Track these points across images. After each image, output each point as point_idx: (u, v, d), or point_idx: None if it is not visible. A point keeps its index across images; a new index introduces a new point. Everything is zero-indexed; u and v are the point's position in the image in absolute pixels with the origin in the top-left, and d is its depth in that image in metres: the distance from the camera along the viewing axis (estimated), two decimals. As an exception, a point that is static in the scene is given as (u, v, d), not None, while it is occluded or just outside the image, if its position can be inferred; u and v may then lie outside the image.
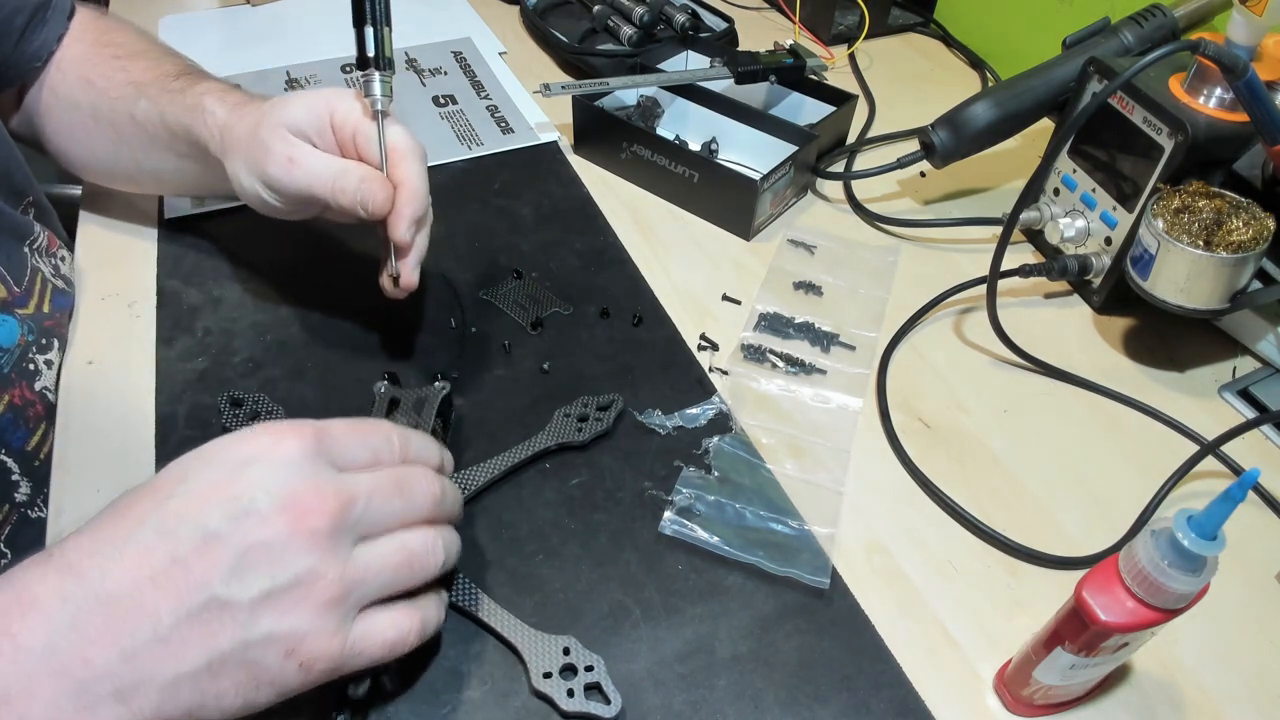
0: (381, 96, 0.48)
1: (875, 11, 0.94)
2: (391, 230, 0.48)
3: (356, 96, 0.50)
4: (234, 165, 0.50)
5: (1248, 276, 0.54)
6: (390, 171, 0.48)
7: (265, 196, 0.50)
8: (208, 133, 0.53)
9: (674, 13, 0.87)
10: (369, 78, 0.49)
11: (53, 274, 0.60)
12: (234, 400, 0.53)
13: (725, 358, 0.60)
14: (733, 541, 0.48)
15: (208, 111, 0.53)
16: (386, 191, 0.47)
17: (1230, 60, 0.47)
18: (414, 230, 0.49)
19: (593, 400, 0.55)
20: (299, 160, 0.48)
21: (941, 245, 0.71)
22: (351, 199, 0.47)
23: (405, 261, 0.50)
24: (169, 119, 0.55)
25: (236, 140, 0.50)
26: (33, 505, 0.54)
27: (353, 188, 0.47)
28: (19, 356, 0.54)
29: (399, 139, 0.49)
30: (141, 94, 0.57)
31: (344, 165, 0.48)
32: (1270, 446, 0.57)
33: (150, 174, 0.61)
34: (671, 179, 0.71)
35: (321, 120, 0.49)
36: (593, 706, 0.41)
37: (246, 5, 0.97)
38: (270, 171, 0.48)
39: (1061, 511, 0.52)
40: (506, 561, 0.48)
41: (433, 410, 0.49)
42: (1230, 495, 0.31)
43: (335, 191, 0.47)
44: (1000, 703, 0.43)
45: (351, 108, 0.49)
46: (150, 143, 0.58)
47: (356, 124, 0.49)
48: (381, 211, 0.47)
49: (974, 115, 0.68)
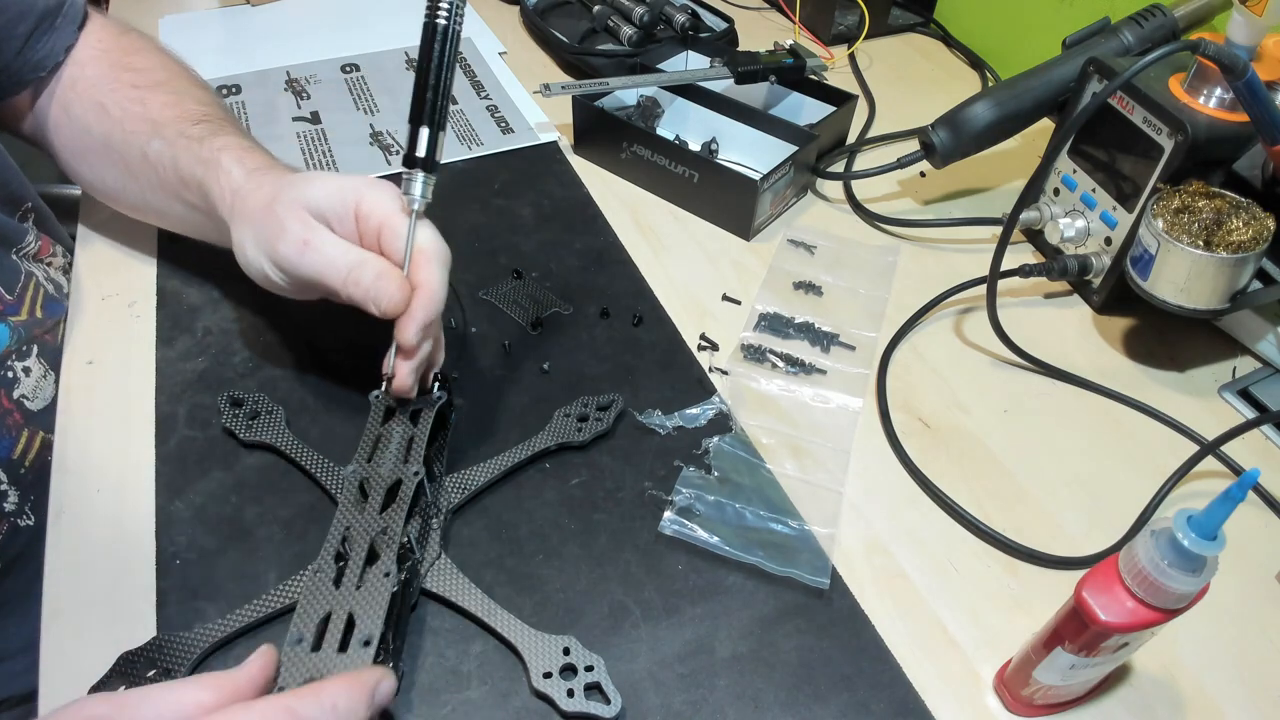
0: (420, 198, 0.47)
1: (875, 11, 0.94)
2: (399, 332, 0.46)
3: (387, 188, 0.48)
4: (241, 234, 0.48)
5: (1248, 276, 0.54)
6: (412, 273, 0.46)
7: (270, 273, 0.48)
8: (219, 192, 0.51)
9: (674, 13, 0.87)
10: (412, 177, 0.47)
11: (45, 279, 0.59)
12: (234, 400, 0.53)
13: (725, 358, 0.60)
14: (733, 541, 0.48)
15: (224, 170, 0.51)
16: (405, 292, 0.45)
17: (1230, 60, 0.47)
18: (421, 336, 0.46)
19: (593, 400, 0.55)
20: (314, 245, 0.46)
21: (941, 245, 0.71)
22: (365, 293, 0.45)
23: (405, 364, 0.47)
24: (182, 167, 0.53)
25: (249, 211, 0.48)
26: (21, 514, 0.54)
27: (368, 282, 0.44)
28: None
29: (428, 242, 0.47)
30: (157, 133, 0.55)
31: (361, 256, 0.46)
32: (1270, 446, 0.57)
33: (156, 211, 0.59)
34: (671, 179, 0.71)
35: (346, 206, 0.47)
36: (593, 706, 0.41)
37: (246, 5, 0.97)
38: (281, 251, 0.46)
39: (1061, 511, 0.52)
40: (506, 561, 0.48)
41: (428, 422, 0.48)
42: (1230, 495, 0.31)
43: (348, 283, 0.45)
44: (1000, 703, 0.43)
45: (380, 199, 0.47)
46: (159, 184, 0.56)
47: (385, 217, 0.47)
48: (395, 311, 0.45)
49: (974, 115, 0.68)
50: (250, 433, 0.52)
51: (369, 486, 0.46)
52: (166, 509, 0.49)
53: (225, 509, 0.49)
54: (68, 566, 0.46)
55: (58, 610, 0.45)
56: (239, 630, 0.43)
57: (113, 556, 0.47)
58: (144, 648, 0.42)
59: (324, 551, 0.43)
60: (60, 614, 0.44)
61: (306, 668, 0.39)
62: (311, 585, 0.42)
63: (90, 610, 0.45)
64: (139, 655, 0.41)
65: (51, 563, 0.47)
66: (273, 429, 0.52)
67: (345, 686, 0.35)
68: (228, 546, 0.47)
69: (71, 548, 0.47)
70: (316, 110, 0.82)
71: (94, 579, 0.46)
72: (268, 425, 0.52)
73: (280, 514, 0.49)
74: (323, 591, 0.42)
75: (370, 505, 0.45)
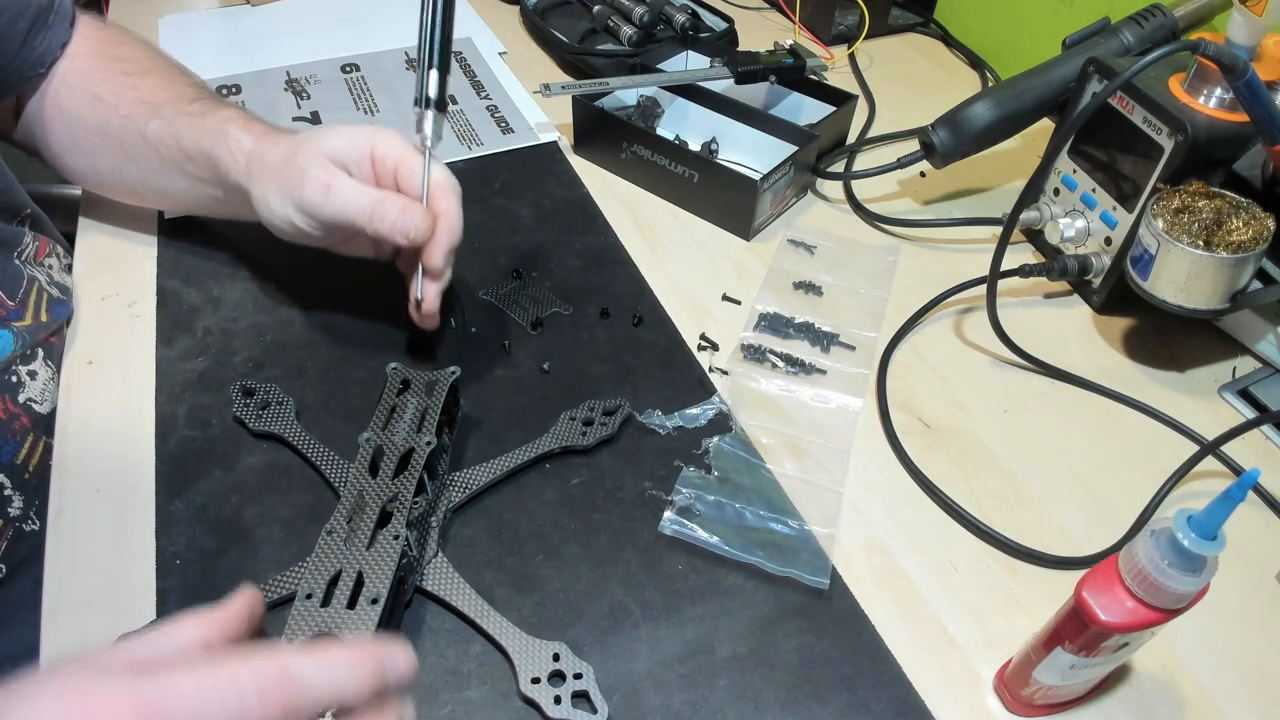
0: (431, 135, 0.51)
1: (875, 11, 0.94)
2: (427, 257, 0.50)
3: (397, 133, 0.52)
4: (264, 190, 0.51)
5: (1248, 276, 0.54)
6: (430, 204, 0.50)
7: (297, 221, 0.51)
8: (230, 158, 0.53)
9: (674, 13, 0.87)
10: (423, 116, 0.52)
11: (48, 283, 0.59)
12: (246, 390, 0.54)
13: (725, 358, 0.60)
14: (733, 541, 0.48)
15: (232, 139, 0.54)
16: (428, 221, 0.49)
17: (1230, 60, 0.47)
18: (446, 260, 0.51)
19: (599, 405, 0.55)
20: (337, 187, 0.49)
21: (941, 245, 0.71)
22: (391, 226, 0.48)
23: (433, 286, 0.52)
24: (186, 142, 0.56)
25: (268, 166, 0.51)
26: (26, 519, 0.54)
27: (394, 215, 0.48)
28: (2, 370, 0.54)
29: (441, 175, 0.52)
30: (155, 114, 0.57)
31: (382, 194, 0.49)
32: (1270, 446, 0.57)
33: (156, 191, 0.61)
34: (671, 179, 0.71)
35: (362, 153, 0.51)
36: (578, 715, 0.41)
37: (246, 5, 0.97)
38: (307, 196, 0.49)
39: (1061, 511, 0.52)
40: (506, 561, 0.48)
41: (443, 392, 0.50)
42: (1230, 495, 0.31)
43: (374, 218, 0.48)
44: (1000, 703, 0.43)
45: (393, 142, 0.51)
46: (160, 162, 0.58)
47: (400, 157, 0.51)
48: (423, 238, 0.49)
49: (974, 115, 0.68)
50: (260, 423, 0.52)
51: (382, 454, 0.47)
52: (166, 509, 0.49)
53: (225, 509, 0.49)
54: (68, 566, 0.46)
55: (57, 610, 0.45)
56: None
57: (113, 556, 0.47)
58: (142, 630, 0.42)
59: (337, 512, 0.44)
60: (60, 614, 0.44)
61: (315, 622, 0.40)
62: (324, 544, 0.43)
63: (90, 610, 0.45)
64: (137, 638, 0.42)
65: (51, 563, 0.47)
66: (282, 420, 0.53)
67: (351, 654, 0.31)
68: (228, 546, 0.47)
69: (71, 548, 0.47)
70: (317, 110, 0.82)
71: (94, 579, 0.46)
72: (278, 416, 0.53)
73: (280, 514, 0.49)
74: (334, 550, 0.43)
75: (383, 471, 0.46)
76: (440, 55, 0.52)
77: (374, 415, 0.49)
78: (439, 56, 0.52)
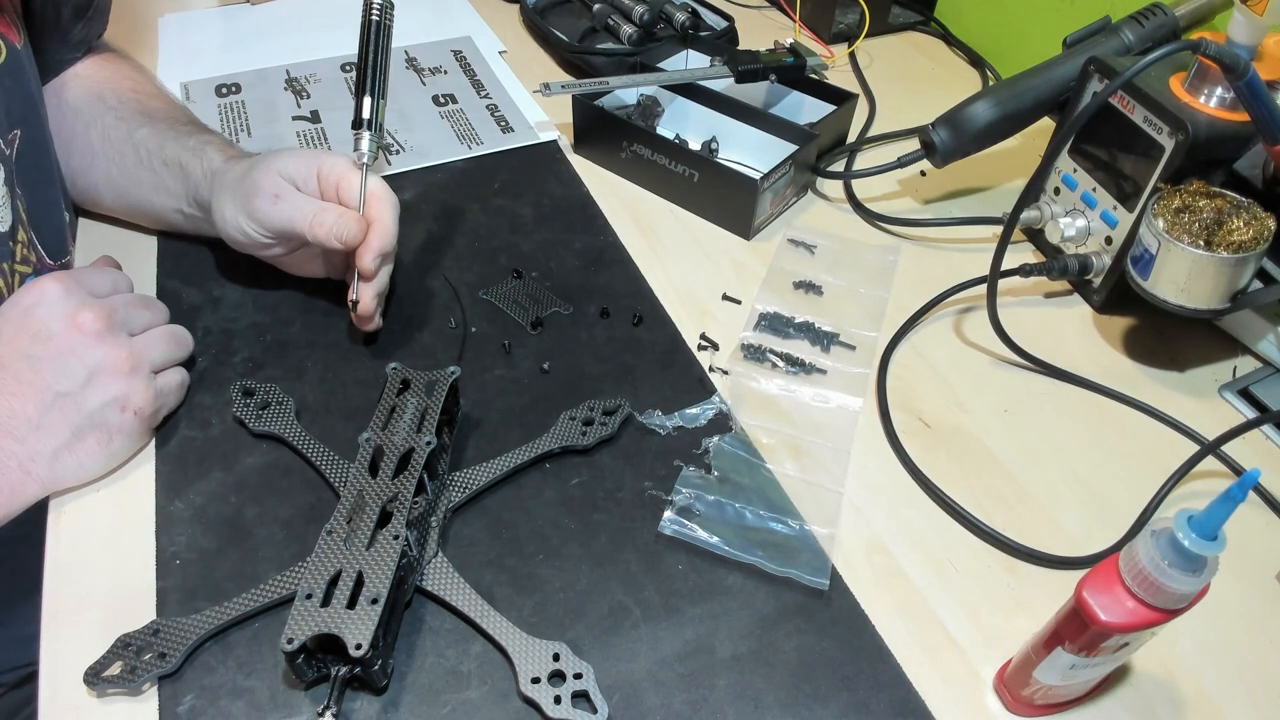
0: (368, 152, 0.57)
1: (876, 10, 0.94)
2: (359, 259, 0.54)
3: (342, 155, 0.58)
4: (220, 202, 0.56)
5: (1248, 276, 0.54)
6: (366, 213, 0.55)
7: (247, 228, 0.55)
8: (201, 173, 0.59)
9: (674, 11, 0.87)
10: (360, 136, 0.57)
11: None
12: (246, 390, 0.54)
13: (725, 357, 0.60)
14: (732, 541, 0.48)
15: (207, 157, 0.59)
16: (360, 226, 0.54)
17: (1231, 59, 0.47)
18: (378, 263, 0.55)
19: (599, 404, 0.55)
20: (284, 197, 0.54)
21: (941, 245, 0.71)
22: (328, 231, 0.53)
23: (368, 288, 0.55)
24: (167, 152, 0.60)
25: (227, 182, 0.56)
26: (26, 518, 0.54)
27: (330, 221, 0.53)
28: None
29: (377, 188, 0.56)
30: (147, 122, 0.62)
31: (323, 204, 0.54)
32: (1270, 446, 0.57)
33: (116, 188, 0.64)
34: (671, 178, 0.71)
35: (309, 170, 0.56)
36: (578, 715, 0.41)
37: (246, 5, 0.97)
38: (256, 204, 0.54)
39: (1061, 511, 0.52)
40: (506, 561, 0.48)
41: (443, 392, 0.50)
42: (1230, 495, 0.31)
43: (314, 224, 0.53)
44: (1000, 703, 0.43)
45: (338, 162, 0.57)
46: (137, 165, 0.61)
47: (342, 174, 0.56)
48: (355, 241, 0.54)
49: (974, 114, 0.68)
50: (260, 423, 0.52)
51: (382, 454, 0.47)
52: (166, 509, 0.49)
53: (225, 509, 0.49)
54: (68, 566, 0.46)
55: (57, 610, 0.45)
56: (237, 618, 0.44)
57: (113, 556, 0.47)
58: (141, 631, 0.43)
59: (336, 512, 0.44)
60: (60, 614, 0.44)
61: (315, 622, 0.40)
62: (324, 544, 0.43)
63: (90, 610, 0.45)
64: (135, 638, 0.43)
65: (51, 562, 0.47)
66: (282, 420, 0.53)
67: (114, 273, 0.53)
68: (228, 546, 0.47)
69: (71, 547, 0.47)
70: (316, 109, 0.81)
71: (94, 579, 0.46)
72: (278, 416, 0.53)
73: (280, 514, 0.49)
74: (334, 550, 0.43)
75: (383, 471, 0.46)
76: (373, 81, 0.58)
77: (374, 415, 0.49)
78: (371, 83, 0.58)
